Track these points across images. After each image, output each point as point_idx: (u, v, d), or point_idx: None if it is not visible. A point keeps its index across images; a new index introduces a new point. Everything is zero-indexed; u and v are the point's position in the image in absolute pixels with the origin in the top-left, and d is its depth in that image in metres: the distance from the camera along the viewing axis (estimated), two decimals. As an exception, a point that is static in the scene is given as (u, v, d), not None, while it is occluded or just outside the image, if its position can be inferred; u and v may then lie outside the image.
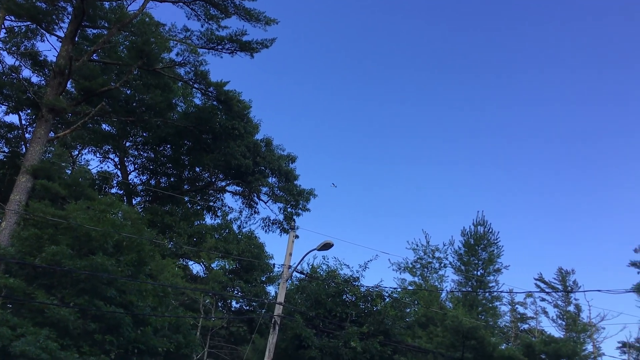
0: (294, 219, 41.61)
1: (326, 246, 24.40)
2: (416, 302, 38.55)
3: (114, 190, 40.69)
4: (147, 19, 33.17)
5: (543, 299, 57.03)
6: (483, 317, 41.41)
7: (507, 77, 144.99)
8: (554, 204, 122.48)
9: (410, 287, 44.87)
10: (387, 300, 31.01)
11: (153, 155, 42.94)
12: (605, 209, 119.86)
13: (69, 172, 33.57)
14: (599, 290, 35.79)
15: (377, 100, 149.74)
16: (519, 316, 56.90)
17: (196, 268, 42.52)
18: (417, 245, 48.78)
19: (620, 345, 58.04)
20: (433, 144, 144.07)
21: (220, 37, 33.67)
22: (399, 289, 39.43)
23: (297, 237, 32.07)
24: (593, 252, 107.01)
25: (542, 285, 59.27)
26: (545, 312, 56.56)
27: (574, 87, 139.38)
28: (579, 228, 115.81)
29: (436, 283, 46.24)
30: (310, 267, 31.86)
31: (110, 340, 20.15)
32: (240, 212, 44.13)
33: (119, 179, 42.15)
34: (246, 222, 44.00)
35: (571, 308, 55.60)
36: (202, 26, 33.60)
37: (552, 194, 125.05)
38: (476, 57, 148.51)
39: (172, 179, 43.76)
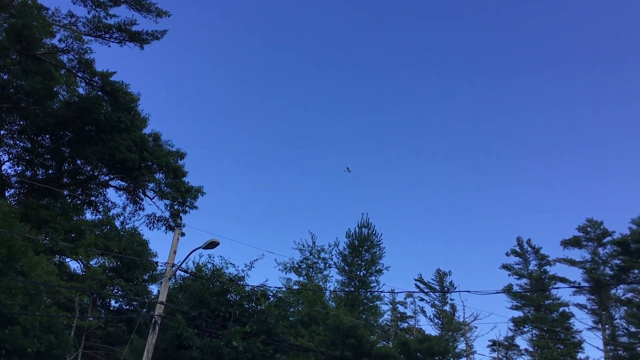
0: (180, 216, 40.81)
1: (212, 244, 24.15)
2: (300, 301, 39.05)
3: (-16, 182, 38.01)
4: (29, 1, 31.34)
5: (422, 299, 59.72)
6: (364, 317, 42.63)
7: (384, 82, 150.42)
8: (426, 208, 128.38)
9: (295, 287, 45.40)
10: (272, 299, 31.19)
11: (30, 146, 40.46)
12: (480, 214, 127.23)
13: None
14: (468, 291, 37.99)
15: (274, 100, 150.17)
16: (399, 315, 59.16)
17: (73, 265, 40.60)
18: (303, 246, 49.41)
19: (490, 343, 61.98)
20: (322, 147, 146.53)
21: (108, 25, 32.54)
22: (284, 289, 39.80)
23: (182, 234, 31.52)
24: (469, 254, 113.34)
25: (422, 285, 62.03)
26: (424, 312, 59.27)
27: (446, 93, 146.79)
28: (458, 231, 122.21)
29: (320, 283, 47.03)
30: (196, 265, 31.42)
31: (-27, 340, 18.89)
32: (124, 207, 42.66)
33: (-9, 169, 39.46)
34: (130, 219, 42.59)
35: (447, 308, 58.61)
36: (89, 13, 32.39)
37: (433, 199, 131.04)
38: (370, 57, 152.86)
39: (50, 171, 41.47)
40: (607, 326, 58.36)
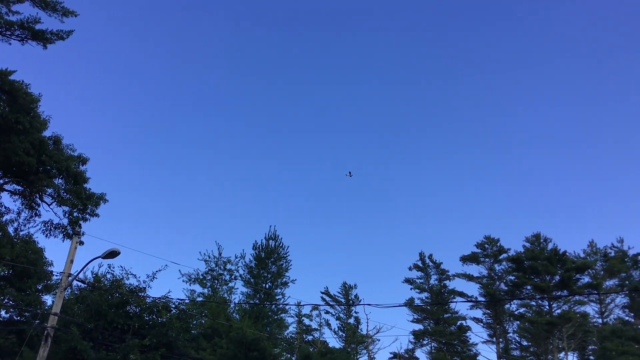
0: (79, 224, 39.13)
1: (112, 254, 23.51)
2: (204, 313, 38.47)
3: None
4: None
5: (327, 312, 60.51)
6: (268, 329, 42.58)
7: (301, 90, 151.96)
8: (342, 223, 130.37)
9: (199, 299, 44.68)
10: (174, 311, 30.53)
11: None
12: (385, 229, 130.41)
13: None
14: (370, 304, 38.77)
15: (183, 110, 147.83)
16: (304, 328, 59.58)
17: (-40, 273, 38.13)
18: (209, 257, 48.89)
19: (391, 355, 63.60)
20: (232, 156, 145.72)
21: (9, 22, 31.07)
22: (187, 301, 39.07)
23: (81, 243, 30.28)
24: (374, 268, 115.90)
25: (328, 298, 62.88)
26: (329, 324, 60.03)
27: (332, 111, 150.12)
28: (364, 246, 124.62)
29: (225, 295, 46.62)
30: (94, 275, 30.29)
31: None
32: (19, 213, 40.41)
33: None
34: (24, 225, 40.39)
35: (352, 320, 59.65)
36: (-11, 8, 30.71)
37: (341, 213, 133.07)
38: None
39: (-63, 173, 38.83)
40: (501, 340, 61.40)
